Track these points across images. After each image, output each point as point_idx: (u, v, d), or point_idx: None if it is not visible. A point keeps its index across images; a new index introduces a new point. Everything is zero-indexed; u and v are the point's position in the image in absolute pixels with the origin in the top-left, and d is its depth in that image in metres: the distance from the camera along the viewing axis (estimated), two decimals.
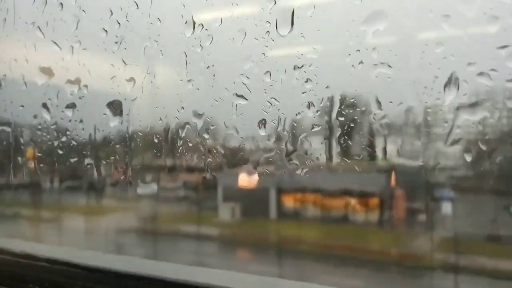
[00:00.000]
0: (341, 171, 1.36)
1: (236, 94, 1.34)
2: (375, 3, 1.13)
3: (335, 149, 1.31)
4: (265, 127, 1.32)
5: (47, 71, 1.68)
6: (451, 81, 1.06)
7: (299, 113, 1.28)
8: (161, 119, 1.50)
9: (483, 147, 1.10)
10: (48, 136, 1.72)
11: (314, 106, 1.26)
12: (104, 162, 1.73)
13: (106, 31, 1.51)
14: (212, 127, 1.41)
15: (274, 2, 1.24)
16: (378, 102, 1.18)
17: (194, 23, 1.36)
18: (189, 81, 1.41)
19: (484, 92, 1.06)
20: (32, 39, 1.72)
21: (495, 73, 1.00)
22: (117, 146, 1.63)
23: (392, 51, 1.14)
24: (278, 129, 1.32)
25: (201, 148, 1.45)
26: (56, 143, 1.70)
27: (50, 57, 1.68)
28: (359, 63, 1.16)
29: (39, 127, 1.74)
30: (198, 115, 1.42)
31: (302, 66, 1.24)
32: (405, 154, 1.36)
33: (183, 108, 1.44)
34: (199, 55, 1.37)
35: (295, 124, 1.32)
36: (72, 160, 1.71)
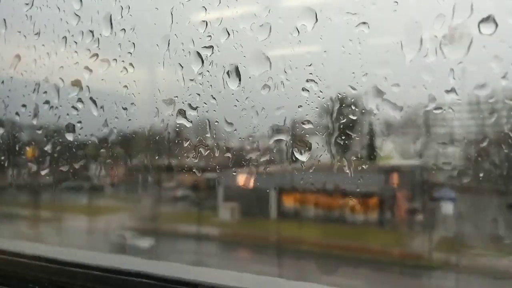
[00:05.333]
0: (341, 171, 1.36)
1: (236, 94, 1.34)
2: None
3: (335, 149, 1.31)
4: (265, 126, 1.32)
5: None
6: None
7: (299, 112, 1.28)
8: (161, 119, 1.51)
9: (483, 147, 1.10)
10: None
11: (314, 105, 1.26)
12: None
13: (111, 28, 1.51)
14: (212, 127, 1.41)
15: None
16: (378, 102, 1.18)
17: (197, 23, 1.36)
18: (191, 80, 1.41)
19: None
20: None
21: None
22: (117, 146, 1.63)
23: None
24: (278, 129, 1.32)
25: (202, 148, 1.45)
26: None
27: (49, 56, 1.68)
28: (359, 63, 1.16)
29: None
30: (198, 115, 1.42)
31: (303, 65, 1.24)
32: (405, 154, 1.36)
33: (183, 107, 1.44)
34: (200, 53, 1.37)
35: (295, 124, 1.32)
36: None
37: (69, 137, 1.67)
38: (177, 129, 1.50)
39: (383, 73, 1.15)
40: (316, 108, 1.27)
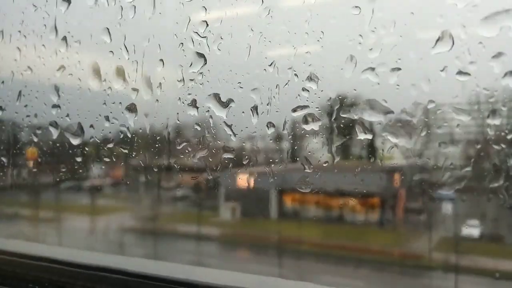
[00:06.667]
0: (341, 171, 1.36)
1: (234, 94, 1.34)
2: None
3: (335, 149, 1.31)
4: (267, 127, 1.33)
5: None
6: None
7: (298, 112, 1.28)
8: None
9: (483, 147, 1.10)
10: None
11: (314, 105, 1.26)
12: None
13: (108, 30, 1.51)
14: (212, 127, 1.41)
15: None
16: (378, 102, 1.18)
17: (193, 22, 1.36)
18: (191, 80, 1.41)
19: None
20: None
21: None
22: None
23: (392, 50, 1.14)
24: (278, 129, 1.32)
25: (203, 148, 1.45)
26: None
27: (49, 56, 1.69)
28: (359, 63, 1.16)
29: None
30: (199, 116, 1.42)
31: (303, 65, 1.24)
32: (405, 154, 1.35)
33: (183, 108, 1.44)
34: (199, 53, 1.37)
35: (295, 124, 1.31)
36: None
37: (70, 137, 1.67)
38: (177, 129, 1.51)
39: (383, 73, 1.14)
40: (316, 108, 1.27)
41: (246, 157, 1.42)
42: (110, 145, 1.63)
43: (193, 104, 1.41)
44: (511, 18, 0.97)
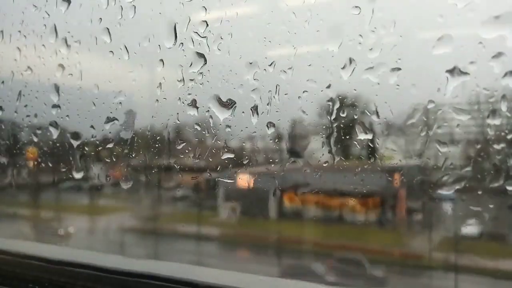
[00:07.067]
0: (341, 171, 1.36)
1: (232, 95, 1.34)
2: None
3: (335, 149, 1.31)
4: (267, 127, 1.33)
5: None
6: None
7: (299, 112, 1.28)
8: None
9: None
10: None
11: (314, 106, 1.26)
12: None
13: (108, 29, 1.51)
14: (212, 127, 1.41)
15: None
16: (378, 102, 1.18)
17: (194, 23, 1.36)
18: (191, 80, 1.41)
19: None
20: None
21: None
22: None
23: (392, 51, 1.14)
24: (278, 129, 1.32)
25: (203, 148, 1.45)
26: None
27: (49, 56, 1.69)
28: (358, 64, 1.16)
29: None
30: (199, 116, 1.42)
31: (303, 65, 1.24)
32: (405, 154, 1.35)
33: (183, 108, 1.43)
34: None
35: (295, 124, 1.32)
36: None
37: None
38: (177, 129, 1.50)
39: (383, 73, 1.14)
40: (316, 108, 1.27)
41: (246, 157, 1.42)
42: (110, 145, 1.63)
43: (193, 104, 1.41)
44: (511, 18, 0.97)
